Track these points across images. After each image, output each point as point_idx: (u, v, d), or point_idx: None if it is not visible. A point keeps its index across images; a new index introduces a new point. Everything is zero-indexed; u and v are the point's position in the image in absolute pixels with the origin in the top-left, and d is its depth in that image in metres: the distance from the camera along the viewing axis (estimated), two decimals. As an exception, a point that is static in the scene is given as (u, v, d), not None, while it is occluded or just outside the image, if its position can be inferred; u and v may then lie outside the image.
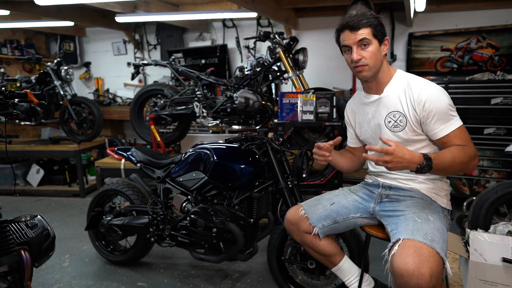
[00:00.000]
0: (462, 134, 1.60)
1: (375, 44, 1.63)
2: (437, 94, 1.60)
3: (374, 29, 1.62)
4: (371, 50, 1.63)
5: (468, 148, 1.58)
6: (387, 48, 1.69)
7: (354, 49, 1.63)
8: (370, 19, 1.62)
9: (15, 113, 1.53)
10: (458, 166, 1.56)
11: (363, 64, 1.64)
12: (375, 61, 1.64)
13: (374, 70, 1.67)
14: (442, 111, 1.58)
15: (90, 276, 2.66)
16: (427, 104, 1.58)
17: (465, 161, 1.56)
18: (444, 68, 4.41)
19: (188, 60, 5.17)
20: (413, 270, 1.34)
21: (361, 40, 1.61)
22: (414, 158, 1.46)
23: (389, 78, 1.72)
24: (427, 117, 1.60)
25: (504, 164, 3.41)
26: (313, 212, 1.81)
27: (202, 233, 2.18)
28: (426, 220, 1.53)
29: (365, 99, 1.80)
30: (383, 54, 1.68)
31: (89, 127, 4.39)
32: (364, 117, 1.82)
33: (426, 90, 1.61)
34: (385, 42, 1.68)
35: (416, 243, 1.41)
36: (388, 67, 1.73)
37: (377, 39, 1.63)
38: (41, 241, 1.42)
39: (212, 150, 2.23)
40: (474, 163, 1.60)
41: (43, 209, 4.08)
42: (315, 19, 5.00)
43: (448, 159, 1.53)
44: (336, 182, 2.95)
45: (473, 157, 1.59)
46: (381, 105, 1.72)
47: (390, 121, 1.69)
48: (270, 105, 3.34)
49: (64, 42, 6.15)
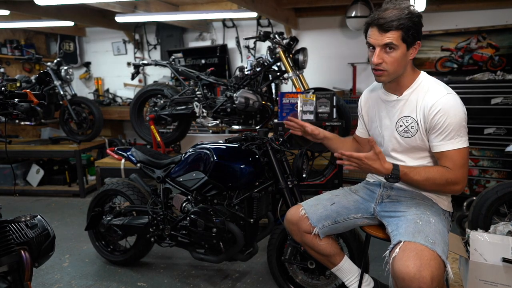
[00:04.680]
0: (456, 157, 1.53)
1: (401, 49, 1.51)
2: (452, 109, 1.51)
3: (405, 33, 1.48)
4: (395, 56, 1.52)
5: (450, 173, 1.53)
6: (416, 52, 1.57)
7: (377, 51, 1.53)
8: (403, 21, 1.47)
9: (15, 113, 1.53)
10: (431, 186, 1.57)
11: (382, 69, 1.55)
12: (396, 67, 1.54)
13: (394, 76, 1.58)
14: (449, 127, 1.52)
15: (90, 276, 2.66)
16: (438, 115, 1.52)
17: (440, 183, 1.54)
18: (444, 68, 4.41)
19: (188, 60, 5.17)
20: (414, 273, 1.33)
21: (386, 44, 1.50)
22: (382, 169, 1.52)
23: (411, 81, 1.63)
24: (433, 128, 1.55)
25: (504, 164, 3.41)
26: (313, 212, 1.81)
27: (202, 233, 2.18)
28: (427, 222, 1.52)
29: (383, 96, 1.73)
30: (410, 59, 1.57)
31: (89, 127, 4.39)
32: (377, 114, 1.77)
33: (442, 101, 1.52)
34: (415, 46, 1.55)
35: (417, 246, 1.40)
36: (413, 69, 1.63)
37: (406, 43, 1.51)
38: (41, 241, 1.42)
39: (212, 150, 2.23)
40: (453, 188, 1.55)
41: (43, 209, 4.07)
42: (315, 19, 5.00)
43: (420, 178, 1.54)
44: (336, 182, 2.95)
45: (451, 183, 1.53)
46: (397, 107, 1.66)
47: (401, 125, 1.64)
48: (270, 105, 3.34)
49: (64, 42, 6.15)
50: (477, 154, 3.50)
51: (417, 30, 1.51)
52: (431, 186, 1.56)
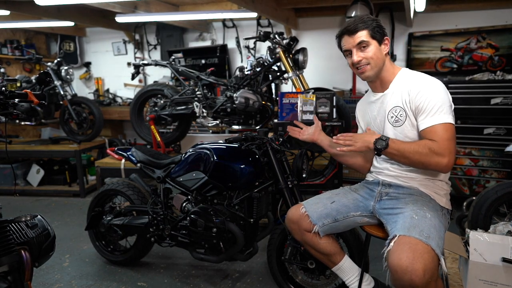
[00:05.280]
0: (439, 131, 1.57)
1: (374, 44, 1.68)
2: (434, 88, 1.62)
3: (372, 31, 1.67)
4: (371, 50, 1.68)
5: (435, 144, 1.56)
6: (388, 47, 1.73)
7: (354, 51, 1.70)
8: (366, 22, 1.67)
9: (15, 113, 1.54)
10: (415, 155, 1.58)
11: (364, 63, 1.70)
12: (376, 60, 1.69)
13: (376, 69, 1.71)
14: (431, 104, 1.59)
15: (90, 276, 2.66)
16: (420, 94, 1.62)
17: (424, 152, 1.56)
18: (444, 68, 4.41)
19: (188, 60, 5.17)
20: (407, 265, 1.36)
21: (359, 43, 1.68)
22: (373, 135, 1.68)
23: (392, 75, 1.76)
24: (418, 110, 1.63)
25: (504, 164, 3.41)
26: (313, 210, 1.83)
27: (202, 233, 2.18)
28: (423, 217, 1.54)
29: (371, 97, 1.86)
30: (385, 53, 1.73)
31: (89, 127, 4.39)
32: (371, 115, 1.86)
33: (424, 82, 1.65)
34: (385, 42, 1.72)
35: (411, 240, 1.43)
36: (392, 65, 1.78)
37: (375, 39, 1.69)
38: (41, 241, 1.42)
39: (212, 150, 2.23)
40: (437, 160, 1.55)
41: (43, 209, 4.07)
42: (315, 19, 5.00)
43: (406, 146, 1.60)
44: (336, 182, 2.95)
45: (435, 152, 1.55)
46: (385, 101, 1.76)
47: (392, 116, 1.73)
48: (270, 105, 3.34)
49: (64, 42, 6.15)
50: (477, 154, 3.50)
51: (380, 28, 1.70)
52: (415, 155, 1.58)
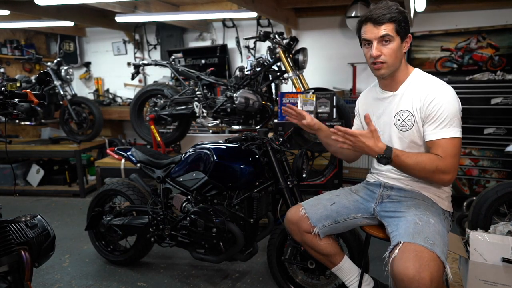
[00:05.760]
0: (447, 146, 1.54)
1: (397, 41, 1.57)
2: (448, 98, 1.55)
3: (398, 25, 1.56)
4: (392, 47, 1.57)
5: (441, 161, 1.52)
6: (408, 45, 1.63)
7: (374, 44, 1.57)
8: (395, 14, 1.55)
9: (15, 113, 1.53)
10: (421, 172, 1.54)
11: (381, 61, 1.59)
12: (394, 59, 1.59)
13: (392, 69, 1.62)
14: (443, 116, 1.54)
15: (90, 276, 2.66)
16: (433, 104, 1.56)
17: (430, 170, 1.52)
18: (444, 68, 4.41)
19: (188, 60, 5.17)
20: (413, 274, 1.33)
21: (383, 36, 1.55)
22: (375, 148, 1.52)
23: (405, 76, 1.68)
24: (428, 117, 1.58)
25: (504, 164, 3.41)
26: (313, 212, 1.81)
27: (202, 233, 2.18)
28: (427, 223, 1.52)
29: (379, 94, 1.77)
30: (404, 52, 1.63)
31: (89, 127, 4.39)
32: (375, 112, 1.78)
33: (437, 91, 1.57)
34: (407, 40, 1.62)
35: (416, 247, 1.40)
36: (406, 65, 1.69)
37: (399, 36, 1.57)
38: (41, 241, 1.42)
39: (212, 150, 2.23)
40: (442, 177, 1.54)
41: (43, 209, 4.07)
42: (315, 19, 5.00)
43: (411, 161, 1.53)
44: (336, 182, 2.95)
45: (441, 171, 1.52)
46: (393, 102, 1.70)
47: (399, 119, 1.67)
48: (270, 105, 3.34)
49: (64, 42, 6.14)
50: (477, 154, 3.50)
51: (407, 24, 1.59)
52: (421, 172, 1.55)
